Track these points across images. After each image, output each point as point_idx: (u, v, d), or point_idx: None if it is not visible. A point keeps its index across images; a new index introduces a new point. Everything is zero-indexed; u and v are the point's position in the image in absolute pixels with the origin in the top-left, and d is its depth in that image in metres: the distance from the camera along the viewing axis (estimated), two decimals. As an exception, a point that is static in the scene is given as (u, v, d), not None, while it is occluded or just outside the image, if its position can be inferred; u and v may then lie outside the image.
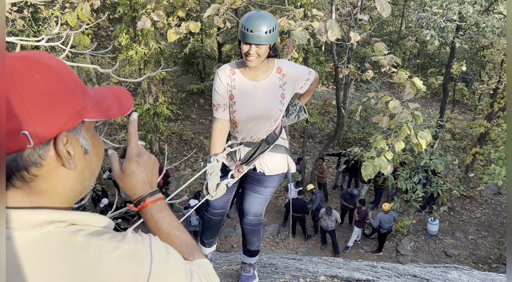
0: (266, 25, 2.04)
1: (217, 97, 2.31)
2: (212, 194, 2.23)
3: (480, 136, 13.33)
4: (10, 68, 0.68)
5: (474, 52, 20.55)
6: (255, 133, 2.40)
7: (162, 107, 13.73)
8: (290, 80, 2.32)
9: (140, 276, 0.72)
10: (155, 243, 0.78)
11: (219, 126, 2.36)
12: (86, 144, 0.79)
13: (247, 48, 2.08)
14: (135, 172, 0.98)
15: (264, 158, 2.48)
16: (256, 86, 2.28)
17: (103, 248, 0.71)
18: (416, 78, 6.06)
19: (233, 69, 2.29)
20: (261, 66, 2.23)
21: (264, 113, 2.31)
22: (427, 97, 21.65)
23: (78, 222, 0.75)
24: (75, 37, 8.32)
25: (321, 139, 17.36)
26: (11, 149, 0.67)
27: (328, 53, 20.02)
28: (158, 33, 14.21)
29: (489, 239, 11.55)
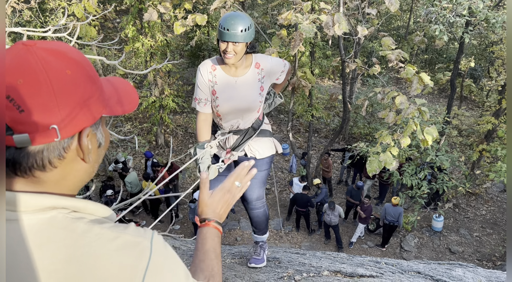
0: (241, 24, 2.20)
1: (199, 92, 2.46)
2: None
3: (487, 133, 13.22)
4: (43, 62, 0.70)
5: (483, 48, 20.33)
6: (240, 123, 2.57)
7: (167, 100, 13.74)
8: (268, 74, 2.50)
9: (137, 268, 0.72)
10: (156, 239, 0.79)
11: (201, 118, 2.52)
12: (101, 138, 0.83)
13: (225, 46, 2.24)
14: (219, 201, 1.14)
15: (252, 144, 2.67)
16: (237, 81, 2.44)
17: (104, 236, 0.72)
18: (424, 74, 6.01)
19: (214, 66, 2.43)
20: (240, 63, 2.39)
21: (246, 106, 2.48)
22: (434, 93, 21.49)
23: (81, 210, 0.77)
24: (82, 28, 8.32)
25: (327, 134, 17.31)
26: (39, 141, 0.70)
27: (335, 47, 19.90)
28: (164, 25, 14.21)
29: (494, 236, 11.50)
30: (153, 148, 15.00)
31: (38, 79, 0.68)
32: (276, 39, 6.99)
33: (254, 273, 2.85)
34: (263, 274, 2.83)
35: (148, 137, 15.30)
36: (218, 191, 1.15)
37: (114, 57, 14.38)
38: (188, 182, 13.18)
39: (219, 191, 1.15)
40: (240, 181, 1.18)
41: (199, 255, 1.04)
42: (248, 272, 2.88)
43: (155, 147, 15.13)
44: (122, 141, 14.43)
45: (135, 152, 14.49)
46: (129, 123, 16.17)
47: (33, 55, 0.70)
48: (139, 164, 14.07)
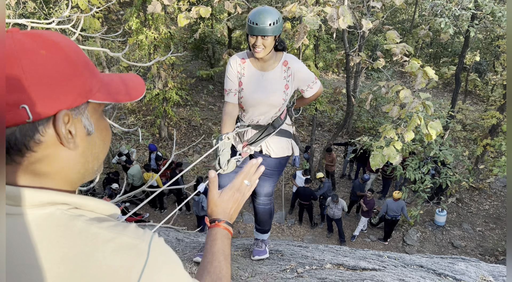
0: (270, 18, 2.26)
1: (228, 82, 2.55)
2: (224, 168, 2.38)
3: (492, 128, 13.16)
4: (17, 43, 0.69)
5: (489, 42, 20.16)
6: (261, 118, 2.62)
7: (171, 93, 13.74)
8: (294, 75, 2.52)
9: (132, 271, 0.70)
10: (155, 241, 0.76)
11: (229, 109, 2.57)
12: (89, 125, 0.78)
13: (254, 40, 2.31)
14: (229, 201, 1.14)
15: (269, 141, 2.70)
16: (264, 76, 2.51)
17: (100, 237, 0.70)
18: (428, 68, 5.98)
19: (244, 59, 2.52)
20: (269, 58, 2.45)
21: (268, 101, 2.53)
22: (439, 87, 21.37)
23: (81, 207, 0.75)
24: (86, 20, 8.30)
25: (330, 128, 17.28)
26: (10, 121, 0.67)
27: (340, 40, 19.79)
28: (168, 17, 14.14)
29: (497, 231, 11.49)
30: (156, 141, 15.03)
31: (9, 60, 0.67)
32: (280, 32, 6.94)
33: (257, 266, 2.87)
34: (266, 266, 2.85)
35: (151, 130, 15.33)
36: (228, 190, 1.14)
37: (117, 50, 14.37)
38: (191, 174, 13.21)
39: (228, 190, 1.15)
40: (249, 180, 1.18)
41: (208, 257, 1.03)
42: (251, 265, 2.90)
43: (159, 140, 15.16)
44: (125, 133, 14.46)
45: (138, 144, 14.52)
46: (132, 115, 16.19)
47: (11, 39, 0.69)
48: (143, 157, 14.11)
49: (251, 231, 10.92)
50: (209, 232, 1.11)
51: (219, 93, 19.02)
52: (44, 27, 3.75)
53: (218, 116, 17.11)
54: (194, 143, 9.82)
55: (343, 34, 9.57)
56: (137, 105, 16.75)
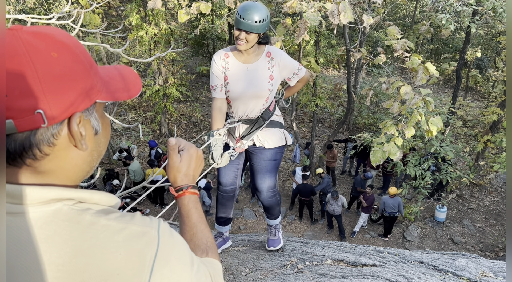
0: (257, 15, 2.28)
1: (214, 78, 2.57)
2: (218, 162, 2.43)
3: (493, 124, 13.14)
4: (26, 44, 0.67)
5: (490, 38, 20.10)
6: (249, 111, 2.65)
7: (171, 89, 13.72)
8: (278, 64, 2.56)
9: (145, 258, 0.72)
10: (163, 227, 0.78)
11: (217, 104, 2.60)
12: (97, 125, 0.79)
13: (238, 33, 2.35)
14: (191, 162, 1.11)
15: (261, 134, 2.74)
16: (248, 68, 2.54)
17: (110, 228, 0.71)
18: (429, 64, 5.97)
19: (227, 53, 2.55)
20: (252, 51, 2.50)
21: (254, 93, 2.56)
22: (440, 83, 21.33)
23: (86, 200, 0.75)
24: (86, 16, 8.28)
25: (331, 124, 17.27)
26: (25, 127, 0.67)
27: (340, 36, 19.74)
28: (168, 13, 14.11)
29: (497, 227, 11.50)
30: (156, 137, 15.03)
31: (21, 63, 0.65)
32: (280, 27, 6.93)
33: (257, 261, 2.87)
34: (266, 262, 2.85)
35: (152, 126, 15.32)
36: (186, 152, 1.11)
37: (118, 45, 14.34)
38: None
39: (187, 151, 1.11)
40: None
41: (189, 230, 1.03)
42: (251, 260, 2.90)
43: (159, 136, 15.16)
44: (126, 129, 14.46)
45: (138, 140, 14.52)
46: (133, 111, 16.18)
47: (17, 39, 0.67)
48: (143, 153, 14.12)
49: (251, 226, 10.94)
50: (180, 202, 1.08)
51: (220, 89, 18.98)
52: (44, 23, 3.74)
53: (218, 112, 17.08)
54: (194, 139, 9.83)
55: (344, 30, 9.55)
56: (138, 101, 16.74)
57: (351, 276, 2.47)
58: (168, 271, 0.74)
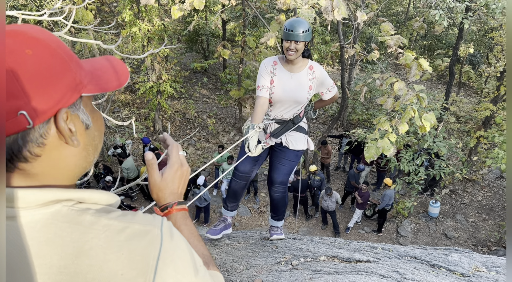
0: (302, 27, 2.72)
1: (261, 79, 2.93)
2: (252, 151, 2.73)
3: (485, 120, 13.23)
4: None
5: (483, 34, 20.21)
6: (285, 113, 3.03)
7: (165, 85, 13.65)
8: (317, 78, 2.96)
9: (149, 258, 0.70)
10: (166, 226, 0.76)
11: (260, 102, 2.92)
12: (86, 119, 0.77)
13: (288, 44, 2.75)
14: (174, 179, 1.02)
15: (289, 135, 3.10)
16: (292, 76, 2.93)
17: (112, 228, 0.70)
18: (423, 60, 5.99)
19: (276, 61, 2.95)
20: (297, 62, 2.89)
21: (294, 98, 2.94)
22: (433, 79, 21.43)
23: (85, 200, 0.74)
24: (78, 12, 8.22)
25: (325, 121, 17.30)
26: (11, 130, 0.65)
27: (334, 32, 19.75)
28: (162, 9, 14.02)
29: (489, 222, 11.60)
30: (150, 134, 14.97)
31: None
32: (274, 24, 6.92)
33: (252, 258, 2.87)
34: (261, 259, 2.86)
35: (145, 123, 15.26)
36: (169, 169, 1.02)
37: (111, 42, 14.23)
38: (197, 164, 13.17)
39: (169, 168, 1.02)
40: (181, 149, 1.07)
41: None
42: (246, 257, 2.90)
43: (153, 133, 15.10)
44: (119, 127, 14.39)
45: (132, 137, 14.47)
46: (126, 109, 16.10)
47: None
48: (137, 150, 14.07)
49: (246, 223, 10.95)
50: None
51: (214, 86, 18.95)
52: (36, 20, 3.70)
53: (212, 109, 17.07)
54: (188, 135, 9.80)
55: (338, 26, 9.55)
56: (131, 98, 16.65)
57: (345, 272, 2.48)
58: (172, 270, 0.73)
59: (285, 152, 3.13)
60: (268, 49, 10.42)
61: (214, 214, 11.18)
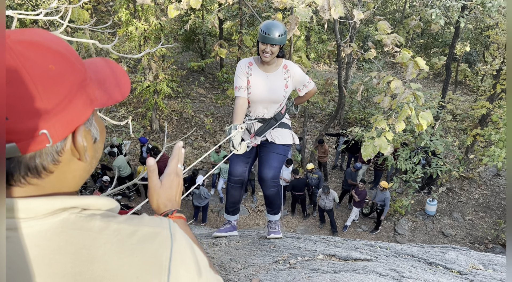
0: (278, 31, 2.79)
1: (238, 80, 3.02)
2: (237, 148, 2.78)
3: (482, 118, 13.28)
4: (21, 58, 0.62)
5: (479, 33, 20.26)
6: (265, 112, 3.12)
7: (162, 85, 13.63)
8: (292, 76, 3.06)
9: (161, 259, 0.71)
10: (174, 227, 0.77)
11: (240, 102, 3.00)
12: (96, 133, 0.77)
13: (264, 47, 2.83)
14: (172, 187, 1.06)
15: (273, 132, 3.20)
16: (268, 76, 3.02)
17: (122, 232, 0.70)
18: (419, 58, 6.00)
19: (251, 62, 3.04)
20: (272, 62, 2.99)
21: (271, 97, 3.03)
22: (430, 77, 21.48)
23: (90, 207, 0.73)
24: (74, 11, 8.19)
25: (322, 119, 17.31)
26: (30, 148, 0.64)
27: (331, 31, 19.75)
28: (158, 8, 13.99)
29: (486, 219, 11.65)
30: (147, 133, 14.95)
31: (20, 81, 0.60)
32: (271, 23, 6.91)
33: (250, 257, 2.88)
34: (258, 258, 2.86)
35: (142, 123, 15.23)
36: (167, 177, 1.07)
37: (107, 41, 14.21)
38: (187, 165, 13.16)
39: (167, 176, 1.07)
40: (181, 163, 1.12)
41: None
42: (244, 256, 2.91)
43: (150, 132, 15.08)
44: (116, 126, 14.36)
45: (130, 137, 14.44)
46: (123, 108, 16.07)
47: (9, 51, 0.61)
48: (134, 149, 14.04)
49: (243, 222, 10.95)
50: None
51: (211, 85, 18.92)
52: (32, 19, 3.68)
53: (209, 108, 17.05)
54: (186, 135, 9.79)
55: (335, 25, 9.55)
56: (128, 98, 16.61)
57: (343, 271, 2.48)
58: (184, 271, 0.74)
59: (273, 146, 3.22)
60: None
61: (212, 213, 11.17)
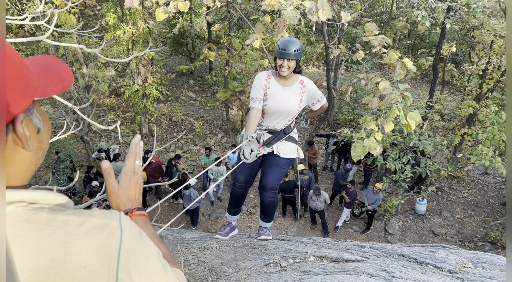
0: (294, 46, 2.94)
1: (255, 92, 3.13)
2: (247, 158, 2.87)
3: (469, 117, 13.44)
4: None
5: (464, 33, 20.54)
6: (276, 123, 3.25)
7: (151, 88, 13.57)
8: (307, 92, 3.21)
9: (110, 248, 0.72)
10: (124, 218, 0.78)
11: (254, 113, 3.10)
12: (38, 123, 0.77)
13: (281, 62, 2.97)
14: (130, 186, 1.05)
15: (280, 144, 3.32)
16: (285, 90, 3.15)
17: (70, 223, 0.71)
18: (407, 59, 6.06)
19: (269, 76, 3.17)
20: (289, 77, 3.14)
21: (286, 109, 3.16)
22: (417, 78, 21.68)
23: (38, 201, 0.73)
24: (61, 16, 8.12)
25: (312, 121, 17.36)
26: None
27: (319, 33, 19.87)
28: (146, 12, 13.94)
29: (475, 218, 11.78)
30: (137, 137, 14.84)
31: None
32: (259, 25, 6.93)
33: (241, 261, 2.87)
34: (250, 261, 2.85)
35: (132, 127, 15.14)
36: (124, 176, 1.06)
37: (95, 46, 14.10)
38: (184, 167, 13.10)
39: (124, 175, 1.06)
40: (139, 159, 1.11)
41: None
42: (235, 260, 2.90)
43: (140, 136, 14.98)
44: (105, 131, 14.25)
45: (118, 141, 14.33)
46: (112, 112, 15.95)
47: None
48: (124, 153, 13.94)
49: (235, 225, 10.92)
50: None
51: (200, 88, 18.88)
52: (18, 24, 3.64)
53: (199, 111, 17.01)
54: (175, 138, 9.75)
55: (322, 27, 9.61)
56: (117, 102, 16.51)
57: (334, 272, 2.49)
58: (134, 260, 0.75)
59: (277, 159, 3.34)
60: (253, 50, 10.43)
61: (203, 217, 11.13)
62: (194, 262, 2.83)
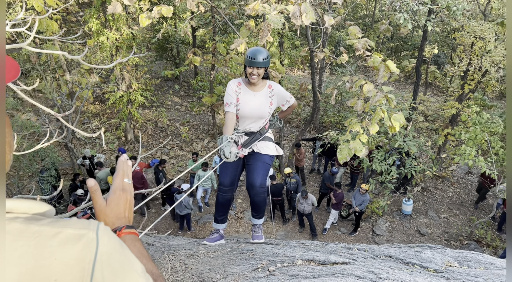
0: (262, 55, 3.19)
1: (228, 97, 3.36)
2: (228, 157, 2.98)
3: (452, 118, 13.64)
4: None
5: (446, 35, 20.90)
6: (251, 126, 3.48)
7: (136, 94, 13.46)
8: (276, 95, 3.48)
9: (84, 261, 0.69)
10: (102, 229, 0.75)
11: (229, 116, 3.32)
12: None
13: (251, 70, 3.23)
14: (119, 204, 1.03)
15: (259, 144, 3.55)
16: (255, 95, 3.40)
17: (43, 234, 0.68)
18: (390, 62, 6.13)
19: (240, 83, 3.43)
20: (258, 83, 3.39)
21: (258, 113, 3.41)
22: (401, 80, 21.96)
23: (13, 210, 0.72)
24: (42, 22, 8.01)
25: (298, 124, 17.44)
26: None
27: (303, 37, 19.98)
28: (129, 18, 13.85)
29: (460, 217, 11.94)
30: (122, 144, 14.71)
31: None
32: (244, 30, 6.94)
33: (229, 266, 2.85)
34: (238, 266, 2.84)
35: (117, 133, 14.99)
36: (112, 194, 1.04)
37: (78, 52, 13.96)
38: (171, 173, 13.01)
39: (112, 193, 1.04)
40: (128, 177, 1.09)
41: None
42: (223, 266, 2.88)
43: (125, 143, 14.85)
44: (89, 138, 14.08)
45: (103, 148, 14.17)
46: (96, 119, 15.79)
47: None
48: (109, 161, 13.79)
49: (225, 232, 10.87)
50: None
51: (186, 93, 18.81)
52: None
53: (185, 116, 16.93)
54: (161, 144, 9.68)
55: (306, 31, 9.67)
56: (101, 109, 16.34)
57: (322, 275, 2.49)
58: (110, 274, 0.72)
59: (259, 155, 3.54)
60: (238, 55, 10.45)
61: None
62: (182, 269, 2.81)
